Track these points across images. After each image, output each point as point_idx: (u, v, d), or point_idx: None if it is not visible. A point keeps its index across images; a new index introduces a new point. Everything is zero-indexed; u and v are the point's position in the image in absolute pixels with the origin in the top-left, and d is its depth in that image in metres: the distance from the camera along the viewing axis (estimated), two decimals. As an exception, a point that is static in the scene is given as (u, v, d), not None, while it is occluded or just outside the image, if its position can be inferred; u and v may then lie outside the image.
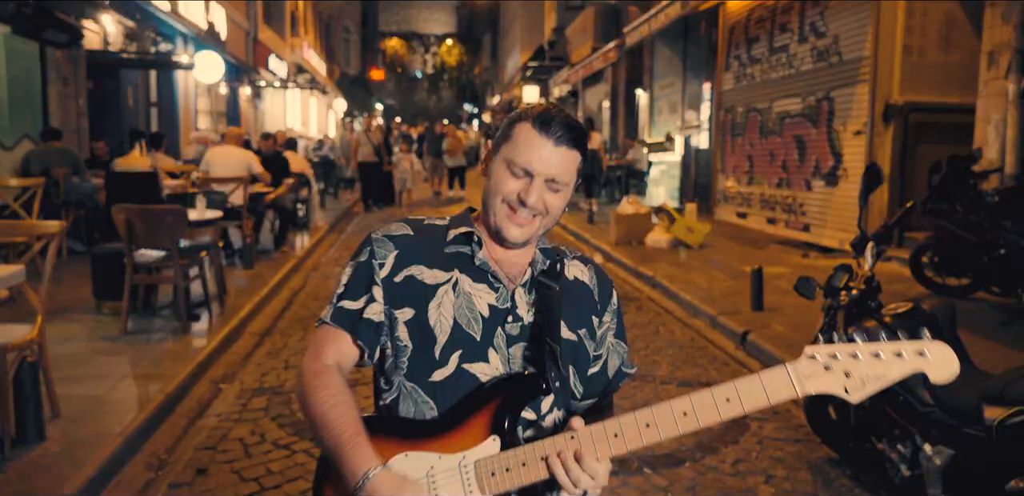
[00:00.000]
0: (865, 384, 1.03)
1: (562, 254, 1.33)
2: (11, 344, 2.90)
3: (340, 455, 1.11)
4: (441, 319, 1.20)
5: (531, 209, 1.22)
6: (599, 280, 1.34)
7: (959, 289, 5.70)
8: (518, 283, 1.26)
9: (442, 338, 1.20)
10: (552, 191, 1.23)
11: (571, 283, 1.30)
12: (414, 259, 1.25)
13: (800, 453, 3.28)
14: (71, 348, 4.32)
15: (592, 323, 1.29)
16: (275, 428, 3.48)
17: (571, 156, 1.23)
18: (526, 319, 1.23)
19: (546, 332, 1.21)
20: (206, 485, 2.91)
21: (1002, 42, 5.95)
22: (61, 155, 7.37)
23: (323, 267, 7.88)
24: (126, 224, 4.60)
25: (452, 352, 1.19)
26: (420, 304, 1.22)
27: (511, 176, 1.23)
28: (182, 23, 11.86)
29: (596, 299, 1.32)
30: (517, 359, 1.21)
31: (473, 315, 1.21)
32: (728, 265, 7.37)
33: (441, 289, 1.22)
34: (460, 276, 1.23)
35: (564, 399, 1.24)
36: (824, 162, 8.47)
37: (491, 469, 1.14)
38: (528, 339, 1.23)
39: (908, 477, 2.44)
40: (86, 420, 3.28)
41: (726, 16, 11.09)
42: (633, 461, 3.16)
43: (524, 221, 1.23)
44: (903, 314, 2.48)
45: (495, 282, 1.24)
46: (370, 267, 1.26)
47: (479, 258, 1.25)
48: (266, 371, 4.34)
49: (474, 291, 1.23)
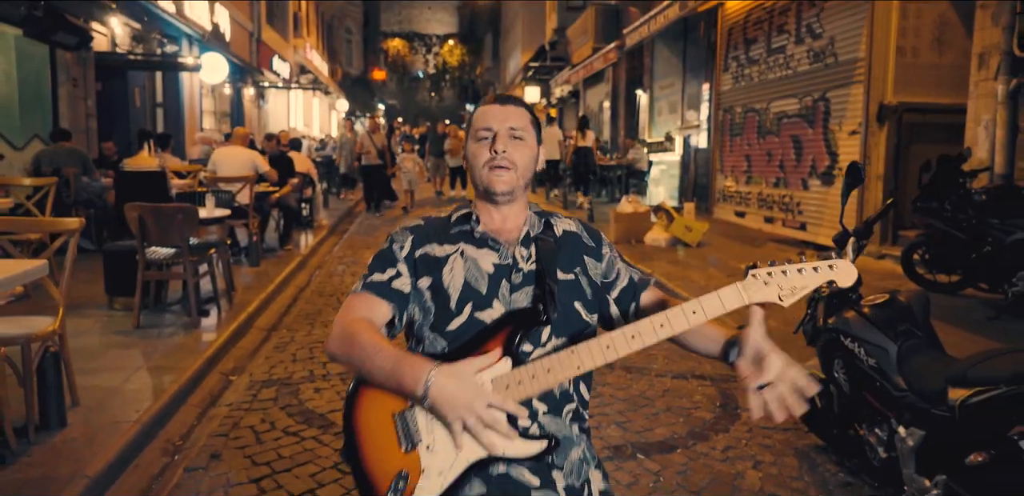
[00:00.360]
0: (794, 293, 1.31)
1: (551, 215, 1.57)
2: (35, 334, 3.05)
3: (401, 366, 1.28)
4: (453, 280, 1.43)
5: (503, 158, 1.45)
6: (586, 228, 1.59)
7: (950, 285, 5.84)
8: (516, 243, 1.48)
9: (455, 295, 1.42)
10: (515, 138, 1.47)
11: (562, 236, 1.54)
12: (426, 240, 1.49)
13: (788, 440, 3.41)
14: (86, 342, 4.47)
15: (585, 263, 1.52)
16: (284, 417, 3.62)
17: (517, 110, 1.49)
18: (526, 269, 1.45)
19: (546, 275, 1.43)
20: (220, 469, 3.06)
21: (992, 44, 6.09)
22: (71, 155, 7.52)
23: (327, 265, 8.03)
24: (138, 222, 4.75)
25: (465, 304, 1.41)
26: (436, 272, 1.45)
27: (480, 142, 1.48)
28: (187, 25, 12.02)
29: (586, 242, 1.55)
30: (519, 303, 1.42)
31: (480, 273, 1.44)
32: (725, 263, 7.51)
33: (451, 258, 1.46)
34: (465, 247, 1.47)
35: (564, 328, 1.44)
36: (820, 162, 8.60)
37: (505, 383, 1.32)
38: (529, 284, 1.44)
39: (885, 459, 2.58)
40: (104, 408, 3.43)
41: (724, 17, 11.23)
42: (627, 447, 3.30)
43: (503, 173, 1.46)
44: (880, 304, 2.62)
45: (495, 245, 1.47)
46: (391, 251, 1.49)
47: (478, 231, 1.48)
48: (274, 364, 4.49)
49: (478, 255, 1.46)
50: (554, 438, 1.35)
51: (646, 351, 4.82)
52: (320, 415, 3.65)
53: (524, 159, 1.48)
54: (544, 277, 1.43)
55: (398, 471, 1.31)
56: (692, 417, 3.70)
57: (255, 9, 18.02)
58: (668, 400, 3.93)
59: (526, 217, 1.54)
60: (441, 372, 1.25)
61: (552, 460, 1.38)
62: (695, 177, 12.70)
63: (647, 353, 4.79)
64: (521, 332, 1.36)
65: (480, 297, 1.41)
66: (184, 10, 11.80)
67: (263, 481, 2.95)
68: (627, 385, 4.15)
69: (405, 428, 1.32)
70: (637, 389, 4.09)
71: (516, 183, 1.47)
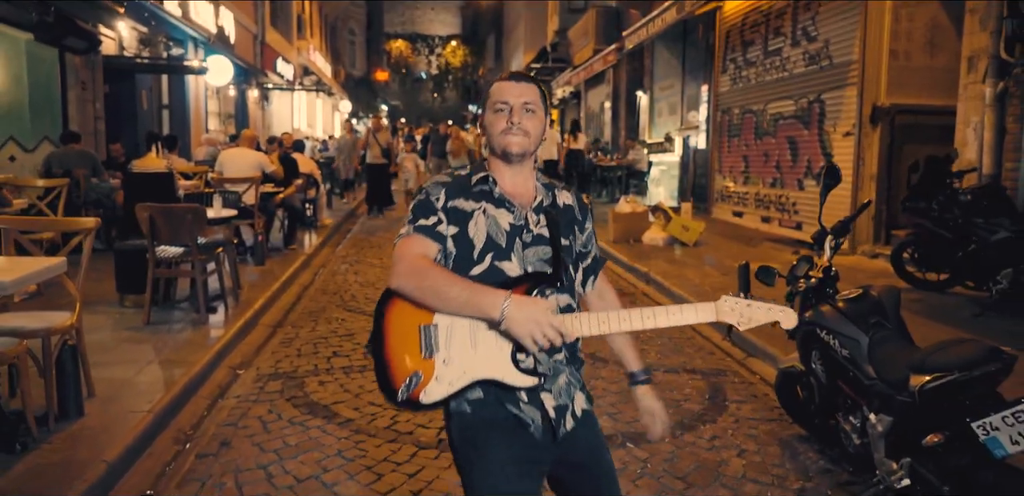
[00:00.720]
0: (750, 321, 1.66)
1: (554, 186, 1.85)
2: (55, 328, 3.22)
3: (478, 295, 1.56)
4: (478, 232, 1.70)
5: (518, 127, 1.71)
6: (578, 203, 1.87)
7: (938, 284, 5.98)
8: (529, 208, 1.76)
9: (479, 245, 1.70)
10: (528, 111, 1.72)
11: (563, 208, 1.82)
12: (455, 195, 1.73)
13: (773, 431, 3.56)
14: (99, 337, 4.63)
15: (575, 232, 1.82)
16: (290, 408, 3.79)
17: (530, 86, 1.74)
18: (535, 232, 1.73)
19: (554, 243, 1.73)
20: (229, 456, 3.22)
21: (980, 48, 6.23)
22: (81, 157, 7.70)
23: (331, 264, 8.19)
24: (149, 222, 4.92)
25: (487, 254, 1.69)
26: (463, 224, 1.70)
27: (498, 113, 1.73)
28: (193, 28, 12.20)
29: (577, 216, 1.84)
30: (530, 258, 1.71)
31: (499, 230, 1.71)
32: (721, 262, 7.65)
33: (476, 213, 1.72)
34: (487, 205, 1.73)
35: (567, 288, 1.76)
36: (815, 162, 8.74)
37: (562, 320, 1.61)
38: (537, 245, 1.73)
39: (859, 445, 2.73)
40: (118, 399, 3.59)
41: (722, 20, 11.37)
42: (617, 436, 3.45)
43: (518, 139, 1.73)
44: (854, 299, 2.77)
45: (511, 207, 1.73)
46: (430, 201, 1.72)
47: (496, 192, 1.74)
48: (280, 358, 4.65)
49: (497, 214, 1.72)
50: (544, 376, 1.64)
51: (640, 347, 4.97)
52: (324, 406, 3.81)
53: (535, 128, 1.74)
54: (559, 248, 1.72)
55: (413, 371, 1.59)
56: (681, 408, 3.85)
57: (259, 11, 18.21)
58: (659, 393, 4.05)
59: (535, 185, 1.80)
60: (514, 300, 1.54)
61: (546, 385, 1.66)
62: (694, 177, 12.84)
63: (641, 349, 4.91)
64: (537, 288, 1.65)
65: (500, 250, 1.69)
66: (190, 14, 11.98)
67: (271, 467, 3.11)
68: (620, 378, 4.30)
69: (427, 339, 1.60)
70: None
71: (528, 147, 1.74)
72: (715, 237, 9.32)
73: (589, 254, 1.86)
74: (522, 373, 1.61)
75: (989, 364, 2.14)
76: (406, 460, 3.18)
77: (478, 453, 1.64)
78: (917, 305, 5.56)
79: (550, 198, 1.80)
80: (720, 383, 4.26)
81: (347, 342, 5.03)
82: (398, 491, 2.91)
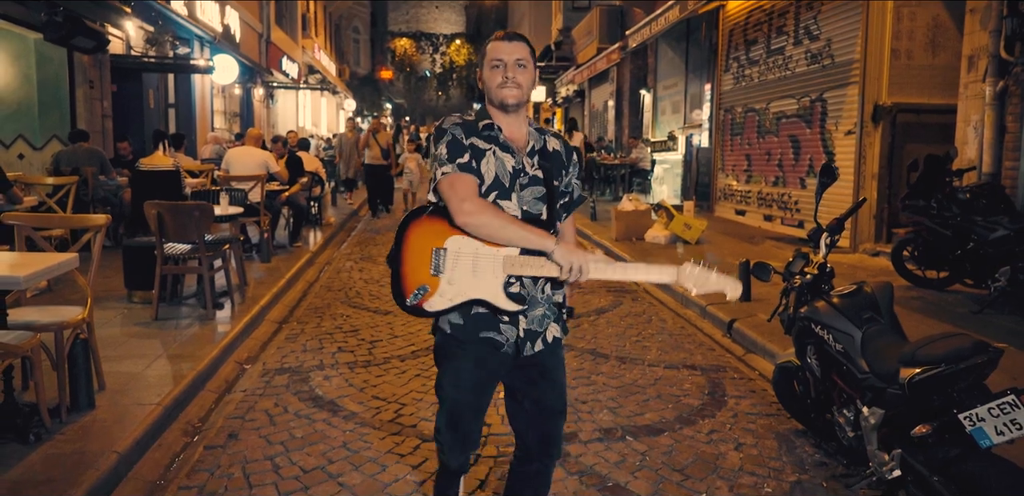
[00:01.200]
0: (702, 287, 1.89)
1: (545, 132, 2.12)
2: (67, 322, 3.29)
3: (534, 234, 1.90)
4: (488, 171, 1.98)
5: (512, 81, 1.98)
6: (564, 147, 2.14)
7: (938, 281, 6.02)
8: (524, 153, 2.04)
9: (488, 182, 1.98)
10: (520, 66, 1.99)
11: (552, 152, 2.09)
12: (470, 134, 2.00)
13: (770, 425, 3.62)
14: (108, 332, 4.72)
15: (562, 175, 2.10)
16: (296, 401, 3.86)
17: (520, 45, 2.01)
18: (531, 174, 2.03)
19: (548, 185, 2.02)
20: (237, 447, 3.29)
21: (980, 47, 6.26)
22: (89, 155, 7.79)
23: (335, 261, 8.27)
24: (157, 219, 4.99)
25: (492, 192, 1.98)
26: (478, 160, 1.98)
27: (494, 69, 2.00)
28: (199, 27, 12.28)
29: (563, 160, 2.11)
30: (526, 198, 2.01)
31: (505, 171, 2.00)
32: (723, 260, 7.70)
33: (488, 152, 2.00)
34: (495, 148, 2.00)
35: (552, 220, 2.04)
36: (817, 161, 8.78)
37: (513, 262, 1.93)
38: (532, 185, 2.02)
39: (852, 438, 2.78)
40: (128, 392, 3.67)
41: (725, 19, 11.41)
42: (617, 430, 3.52)
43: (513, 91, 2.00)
44: (848, 294, 2.83)
45: (512, 151, 2.02)
46: (458, 140, 1.98)
47: (501, 138, 2.02)
48: (285, 354, 4.73)
49: (504, 157, 2.00)
50: (526, 303, 1.97)
51: (640, 343, 5.04)
52: (329, 400, 3.88)
53: (527, 81, 2.01)
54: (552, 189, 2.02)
55: (422, 285, 1.94)
56: (680, 403, 3.91)
57: (264, 11, 18.29)
58: (659, 388, 4.14)
59: (528, 130, 2.06)
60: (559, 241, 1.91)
61: (524, 311, 1.99)
62: (697, 176, 12.88)
63: (641, 344, 5.00)
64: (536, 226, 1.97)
65: (504, 189, 1.99)
66: (196, 13, 12.07)
67: (277, 458, 3.18)
68: (620, 374, 4.37)
69: (437, 260, 1.93)
70: (630, 378, 4.30)
71: (522, 98, 2.01)
72: (717, 235, 9.37)
73: (568, 193, 2.12)
74: (509, 299, 1.94)
75: (976, 357, 2.19)
76: (410, 452, 3.25)
77: (449, 363, 2.05)
78: (917, 302, 5.61)
79: (541, 142, 2.06)
80: (719, 379, 4.32)
81: (352, 338, 5.10)
82: (402, 482, 2.98)
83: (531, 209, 1.99)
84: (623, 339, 5.12)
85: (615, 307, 6.08)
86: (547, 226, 1.98)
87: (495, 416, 3.64)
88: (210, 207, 5.16)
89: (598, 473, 3.08)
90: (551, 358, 2.07)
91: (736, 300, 1.84)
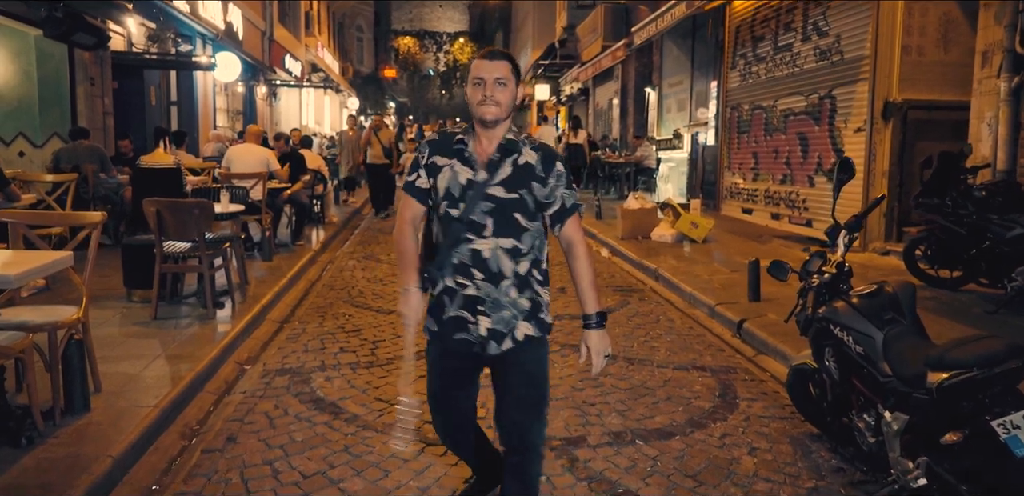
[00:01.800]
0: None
1: (524, 144, 2.16)
2: (61, 322, 3.20)
3: (402, 273, 2.20)
4: (442, 184, 2.15)
5: (490, 99, 2.07)
6: (543, 159, 2.15)
7: (951, 281, 5.91)
8: (483, 167, 2.13)
9: (440, 194, 2.16)
10: (500, 85, 2.09)
11: (520, 165, 2.14)
12: (435, 152, 2.19)
13: (784, 429, 3.52)
14: (106, 332, 4.63)
15: (531, 186, 2.13)
16: (297, 403, 3.76)
17: (501, 63, 2.09)
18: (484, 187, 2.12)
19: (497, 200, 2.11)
20: (235, 451, 3.20)
21: (994, 42, 6.14)
22: (89, 152, 7.70)
23: (338, 260, 8.18)
24: (156, 216, 4.90)
25: (443, 201, 2.15)
26: (435, 176, 2.17)
27: (475, 87, 2.10)
28: (201, 24, 12.19)
29: (537, 172, 2.14)
30: (473, 209, 2.11)
31: (457, 183, 2.13)
32: (730, 259, 7.59)
33: (445, 168, 2.16)
34: (455, 162, 2.15)
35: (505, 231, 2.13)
36: (826, 159, 8.66)
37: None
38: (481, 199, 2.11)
39: (873, 443, 2.68)
40: (125, 394, 3.58)
41: (732, 15, 11.28)
42: (627, 434, 3.42)
43: (492, 109, 2.10)
44: (868, 294, 2.72)
45: (472, 164, 2.14)
46: (418, 159, 2.20)
47: (466, 153, 2.15)
48: (286, 354, 4.63)
49: (461, 171, 2.14)
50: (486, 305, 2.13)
51: (648, 344, 4.94)
52: (331, 402, 3.79)
53: (506, 99, 2.10)
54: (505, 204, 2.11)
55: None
56: (691, 406, 3.81)
57: (267, 8, 18.20)
58: (668, 390, 4.04)
59: (499, 144, 2.13)
60: (408, 290, 2.17)
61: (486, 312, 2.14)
62: (703, 174, 12.76)
63: (649, 345, 4.90)
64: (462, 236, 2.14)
65: (452, 199, 2.13)
66: (198, 10, 11.98)
67: (277, 462, 3.09)
68: (628, 375, 4.27)
69: None
70: (638, 379, 4.20)
71: (500, 115, 2.10)
72: (724, 234, 9.26)
73: (552, 204, 2.16)
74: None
75: (1010, 361, 2.08)
76: (413, 457, 3.15)
77: (430, 360, 2.30)
78: (930, 302, 5.49)
79: (511, 156, 2.13)
80: (730, 380, 4.21)
81: (354, 338, 5.01)
82: (405, 488, 2.89)
83: (478, 220, 2.10)
84: (631, 339, 5.02)
85: (622, 307, 5.98)
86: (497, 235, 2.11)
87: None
88: (210, 205, 5.07)
89: (608, 479, 2.98)
90: (524, 354, 2.18)
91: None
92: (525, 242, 2.13)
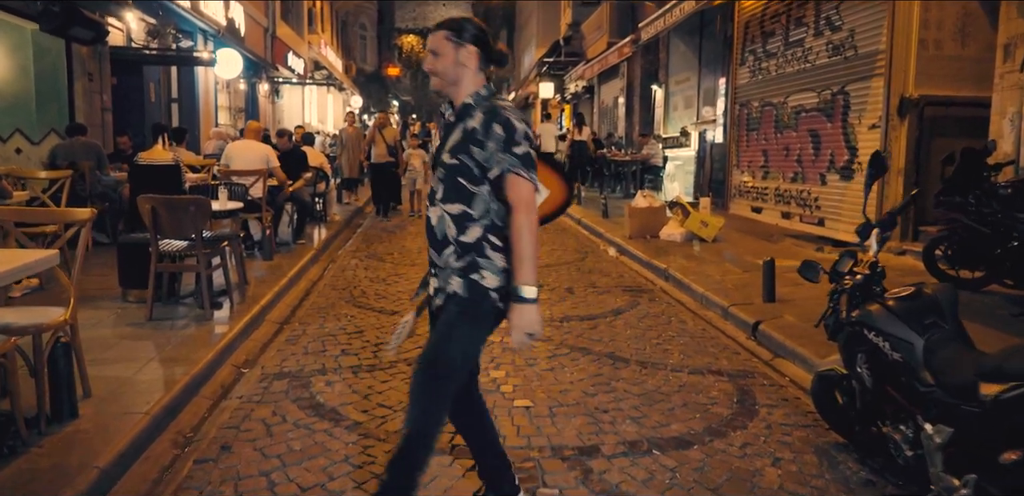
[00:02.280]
0: None
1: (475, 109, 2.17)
2: (46, 324, 3.03)
3: None
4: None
5: (430, 70, 2.22)
6: (483, 122, 2.12)
7: (973, 282, 5.71)
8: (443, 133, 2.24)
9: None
10: (433, 55, 2.20)
11: (467, 130, 2.14)
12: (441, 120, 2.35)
13: (807, 438, 3.34)
14: (99, 333, 4.47)
15: (472, 151, 2.12)
16: (295, 409, 3.59)
17: (434, 35, 2.21)
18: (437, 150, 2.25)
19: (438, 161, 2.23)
20: (230, 461, 3.02)
21: (1018, 34, 5.94)
22: (86, 149, 7.55)
23: (340, 259, 8.01)
24: (151, 214, 4.74)
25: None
26: None
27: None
28: (202, 20, 12.04)
29: (478, 137, 2.11)
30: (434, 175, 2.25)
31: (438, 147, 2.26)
32: (741, 258, 7.41)
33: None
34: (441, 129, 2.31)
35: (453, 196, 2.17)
36: (839, 156, 8.46)
37: None
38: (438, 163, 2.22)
39: (911, 457, 2.50)
40: (115, 399, 3.41)
41: (741, 11, 11.08)
42: (643, 443, 3.24)
43: (434, 79, 2.25)
44: (906, 297, 2.54)
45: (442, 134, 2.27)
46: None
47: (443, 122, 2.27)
48: (286, 357, 4.46)
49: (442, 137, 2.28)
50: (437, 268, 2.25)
51: (660, 346, 4.76)
52: (331, 408, 3.61)
53: (443, 67, 2.19)
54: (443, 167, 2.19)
55: None
56: (709, 413, 3.63)
57: (270, 5, 18.04)
58: (684, 396, 3.86)
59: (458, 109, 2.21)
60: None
61: (436, 273, 2.25)
62: (711, 172, 12.57)
63: (662, 348, 4.72)
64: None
65: (432, 163, 2.30)
66: (199, 6, 11.82)
67: (273, 474, 2.91)
68: (642, 380, 4.09)
69: None
70: (652, 384, 4.02)
71: (441, 83, 2.23)
72: (734, 233, 9.07)
73: (494, 169, 2.12)
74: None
75: (1076, 372, 1.91)
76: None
77: None
78: (952, 304, 5.30)
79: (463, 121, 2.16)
80: (748, 386, 4.03)
81: (356, 340, 4.83)
82: (409, 501, 2.71)
83: (434, 187, 2.22)
84: (643, 342, 4.84)
85: (632, 307, 5.79)
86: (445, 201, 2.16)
87: (510, 427, 3.37)
88: (207, 202, 4.90)
89: (625, 492, 2.80)
90: (443, 312, 2.20)
91: None
92: (477, 207, 2.12)
